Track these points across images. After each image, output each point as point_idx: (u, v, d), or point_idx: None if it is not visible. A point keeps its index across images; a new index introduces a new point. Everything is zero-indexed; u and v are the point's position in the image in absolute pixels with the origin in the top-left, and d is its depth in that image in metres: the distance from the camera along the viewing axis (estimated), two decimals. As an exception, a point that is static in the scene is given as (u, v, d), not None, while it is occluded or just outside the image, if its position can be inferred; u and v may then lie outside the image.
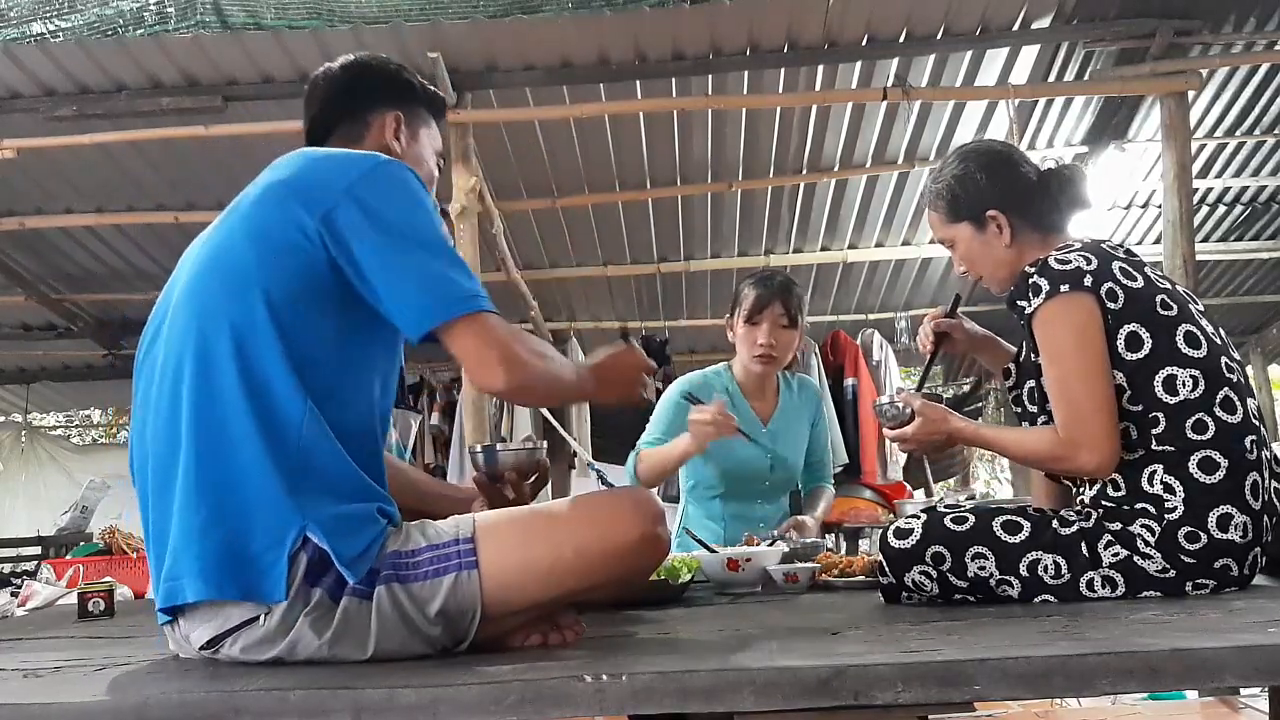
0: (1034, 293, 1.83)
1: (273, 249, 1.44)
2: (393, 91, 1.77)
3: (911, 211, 6.58)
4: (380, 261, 1.42)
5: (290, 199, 1.46)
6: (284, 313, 1.41)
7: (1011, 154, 2.07)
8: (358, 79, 1.76)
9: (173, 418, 1.43)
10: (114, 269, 7.03)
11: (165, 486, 1.43)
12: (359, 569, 1.38)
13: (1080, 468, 1.80)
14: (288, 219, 1.44)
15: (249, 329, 1.40)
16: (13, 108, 4.85)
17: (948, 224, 2.04)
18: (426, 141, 1.80)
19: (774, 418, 3.05)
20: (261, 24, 4.30)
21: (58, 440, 10.92)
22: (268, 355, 1.40)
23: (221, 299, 1.43)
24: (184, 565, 1.38)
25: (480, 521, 1.49)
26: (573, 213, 6.31)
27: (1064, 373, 1.79)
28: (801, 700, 1.16)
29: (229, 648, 1.40)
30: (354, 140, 1.71)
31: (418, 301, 1.43)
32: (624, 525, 1.49)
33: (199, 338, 1.43)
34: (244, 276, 1.43)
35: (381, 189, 1.46)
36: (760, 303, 2.92)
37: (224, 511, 1.37)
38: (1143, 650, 1.21)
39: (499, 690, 1.17)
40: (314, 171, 1.51)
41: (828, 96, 5.10)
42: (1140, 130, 5.75)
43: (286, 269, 1.42)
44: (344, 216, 1.42)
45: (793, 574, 2.14)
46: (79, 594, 2.42)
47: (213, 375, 1.40)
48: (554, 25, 4.41)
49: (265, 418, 1.38)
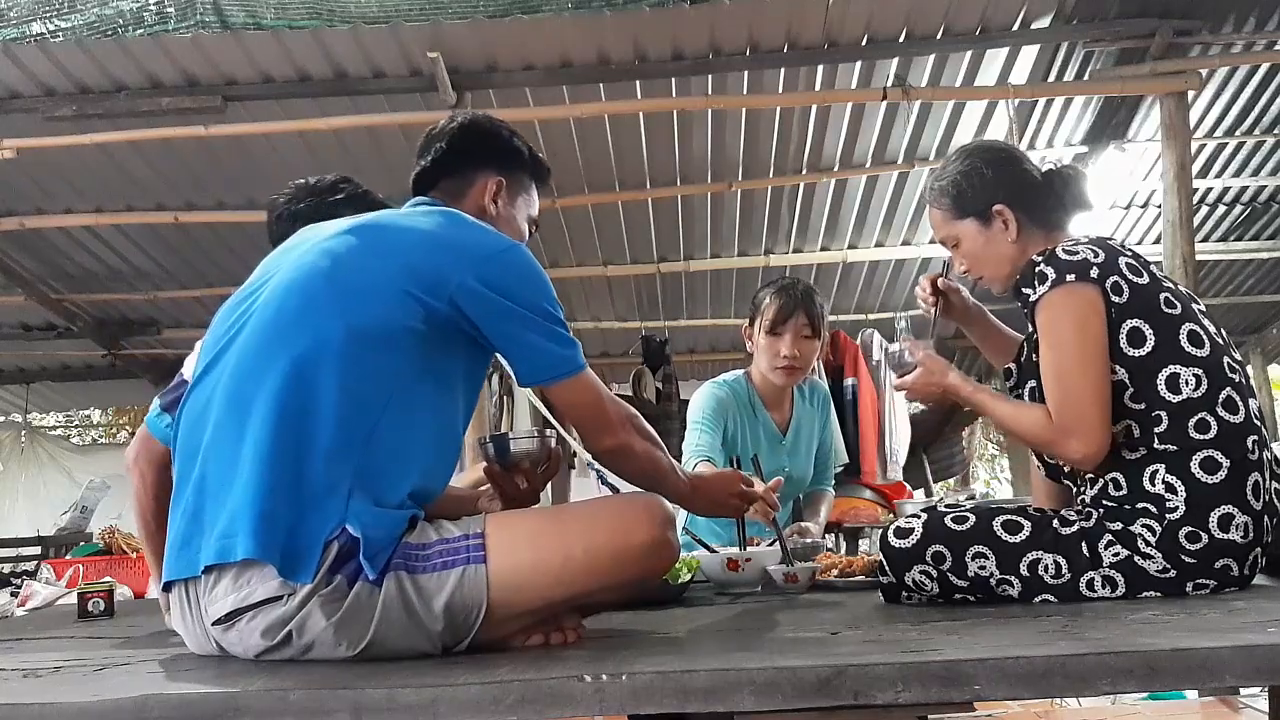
0: (1039, 280, 1.83)
1: (409, 286, 1.53)
2: (500, 156, 1.88)
3: (911, 211, 6.58)
4: (504, 327, 1.58)
5: (438, 253, 1.57)
6: (395, 338, 1.51)
7: (1015, 152, 2.10)
8: (470, 140, 1.87)
9: (253, 388, 1.48)
10: (114, 269, 7.04)
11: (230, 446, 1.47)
12: (378, 562, 1.42)
13: (1067, 455, 1.81)
14: (432, 268, 1.55)
15: (359, 341, 1.49)
16: (12, 108, 4.86)
17: (951, 221, 2.05)
18: (523, 207, 1.91)
19: (791, 427, 3.03)
20: (261, 24, 4.31)
21: (58, 440, 10.93)
22: (369, 367, 1.49)
23: (344, 304, 1.51)
24: (241, 524, 1.41)
25: (491, 519, 1.51)
26: (573, 213, 6.32)
27: (1061, 359, 1.79)
28: (801, 700, 1.16)
29: (244, 623, 1.42)
30: (455, 196, 1.82)
31: (537, 360, 1.61)
32: (635, 528, 1.51)
33: (312, 334, 1.50)
34: (372, 296, 1.52)
35: (510, 269, 1.60)
36: (784, 313, 2.86)
37: (287, 488, 1.42)
38: (1143, 650, 1.21)
39: (499, 690, 1.17)
40: (459, 239, 1.62)
41: (828, 96, 5.10)
42: (1140, 130, 5.75)
43: (413, 309, 1.52)
44: (474, 285, 1.55)
45: (793, 574, 2.14)
46: (79, 594, 2.42)
47: (318, 372, 1.47)
48: (554, 25, 4.42)
49: (352, 422, 1.46)
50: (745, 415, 2.99)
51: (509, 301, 1.57)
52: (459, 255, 1.57)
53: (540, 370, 1.62)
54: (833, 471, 3.26)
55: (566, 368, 1.62)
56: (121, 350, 8.19)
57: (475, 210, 1.80)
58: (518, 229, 1.89)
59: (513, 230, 1.86)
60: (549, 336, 1.60)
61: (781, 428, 3.02)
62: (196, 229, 6.35)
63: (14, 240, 6.41)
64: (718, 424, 2.89)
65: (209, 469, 1.49)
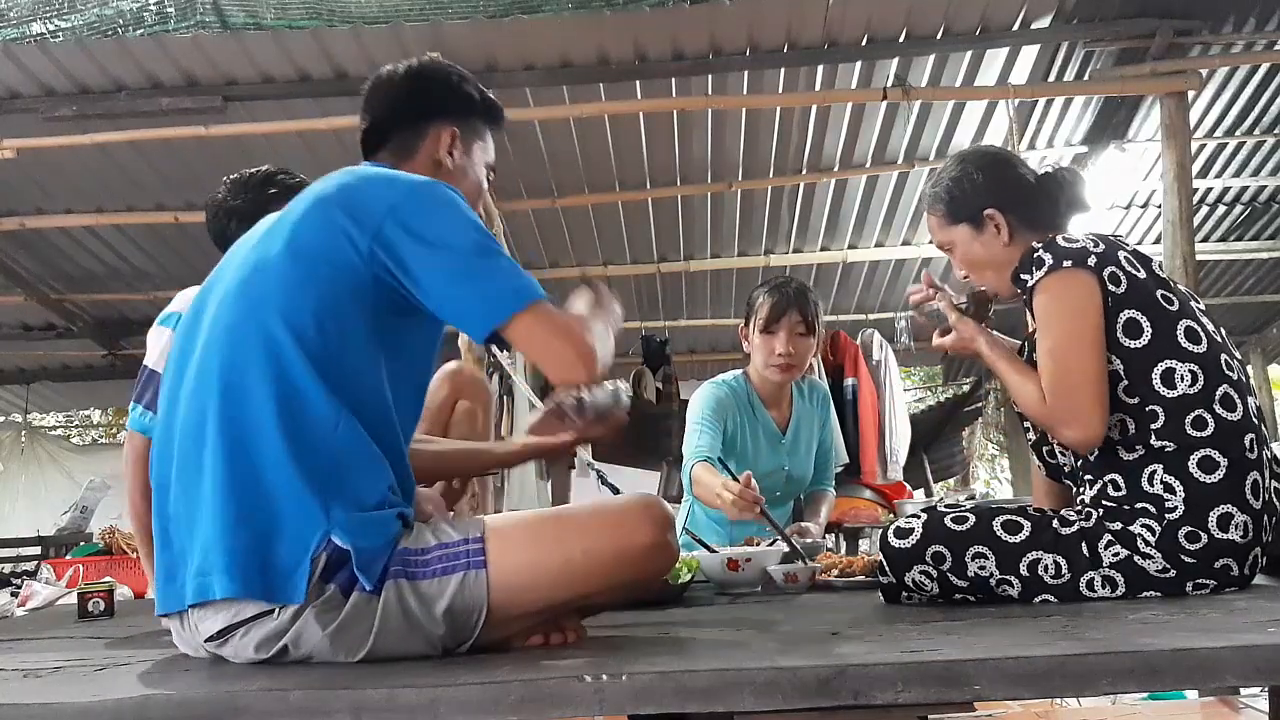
0: (1037, 266, 1.84)
1: (318, 263, 1.47)
2: (452, 104, 1.78)
3: (911, 211, 6.59)
4: (432, 276, 1.47)
5: (339, 215, 1.49)
6: (324, 325, 1.44)
7: (1009, 156, 2.10)
8: (420, 89, 1.77)
9: (201, 417, 1.45)
10: (114, 269, 7.04)
11: (191, 479, 1.44)
12: (374, 571, 1.40)
13: (1061, 437, 1.82)
14: (336, 234, 1.47)
15: (287, 340, 1.43)
16: (12, 108, 4.86)
17: (946, 227, 2.05)
18: (479, 155, 1.82)
19: (790, 426, 3.04)
20: (261, 24, 4.31)
21: (58, 440, 10.93)
22: (302, 365, 1.42)
23: (262, 309, 1.45)
24: (213, 561, 1.39)
25: (490, 522, 1.50)
26: (573, 213, 6.32)
27: (1056, 344, 1.80)
28: (801, 700, 1.16)
29: (238, 639, 1.41)
30: (407, 150, 1.74)
31: (475, 308, 1.49)
32: (634, 530, 1.50)
33: (236, 347, 1.45)
34: (286, 289, 1.46)
35: (425, 208, 1.50)
36: (777, 311, 2.88)
37: (252, 512, 1.39)
38: (1143, 650, 1.21)
39: (499, 690, 1.17)
40: (361, 190, 1.54)
41: (828, 96, 5.11)
42: (1140, 130, 5.75)
43: (330, 283, 1.46)
44: (392, 235, 1.47)
45: (793, 574, 2.14)
46: (79, 594, 2.42)
47: (247, 382, 1.42)
48: (554, 25, 4.42)
49: (296, 424, 1.41)
50: (744, 415, 2.99)
51: (432, 243, 1.47)
52: (367, 213, 1.48)
53: (491, 309, 1.48)
54: (833, 471, 3.26)
55: (515, 303, 1.49)
56: (121, 350, 8.19)
57: (429, 164, 1.72)
58: (474, 179, 1.80)
59: (470, 181, 1.78)
60: (484, 275, 1.49)
61: (781, 426, 3.02)
62: (196, 229, 6.29)
63: (14, 240, 6.41)
64: (717, 424, 2.89)
65: (179, 506, 1.47)
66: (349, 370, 1.46)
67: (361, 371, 1.48)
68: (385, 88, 1.78)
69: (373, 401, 1.48)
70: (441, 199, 1.53)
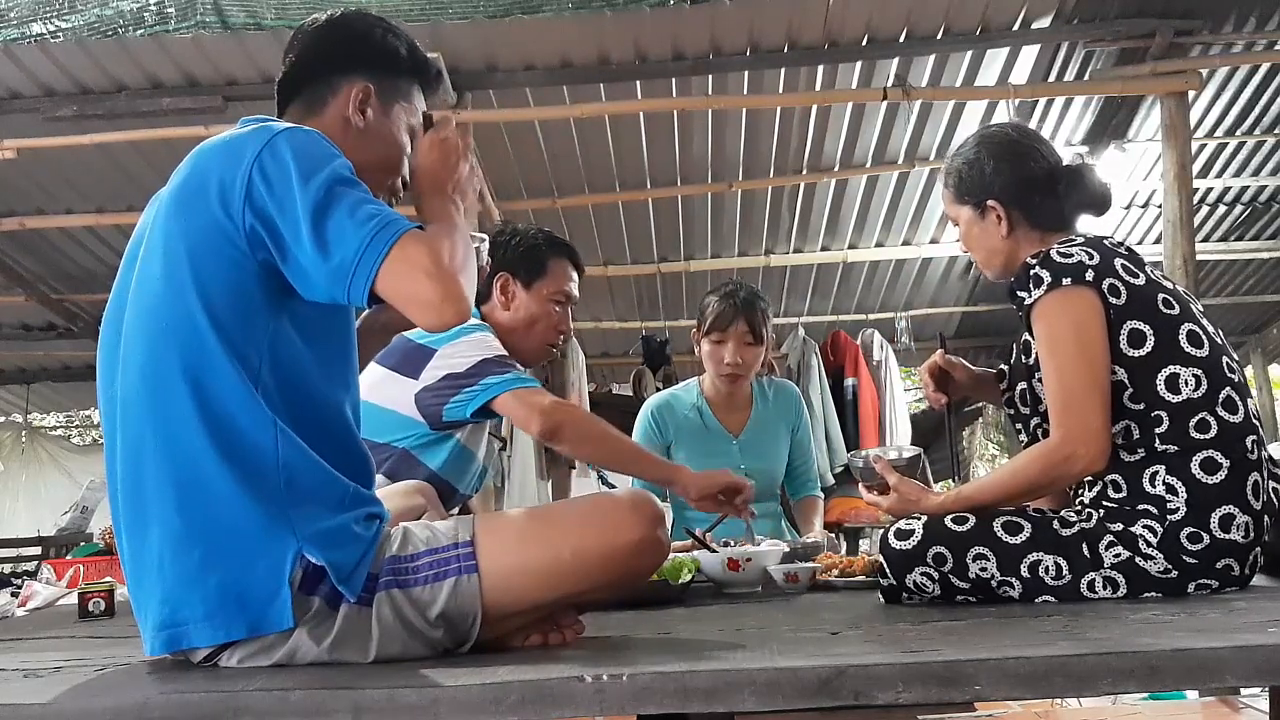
0: (1035, 284, 1.82)
1: (202, 257, 1.38)
2: (370, 58, 1.62)
3: (912, 211, 6.58)
4: (294, 234, 1.34)
5: (204, 198, 1.38)
6: (229, 329, 1.36)
7: (1027, 149, 2.00)
8: (336, 38, 1.63)
9: (137, 471, 1.39)
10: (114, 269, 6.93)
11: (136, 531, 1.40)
12: (356, 582, 1.37)
13: (1072, 472, 1.78)
14: (209, 221, 1.37)
15: (199, 357, 1.36)
16: (12, 108, 4.85)
17: (953, 203, 2.06)
18: (400, 116, 1.65)
19: (746, 429, 3.04)
20: (261, 24, 4.30)
21: (58, 440, 10.93)
22: (223, 380, 1.35)
23: (164, 331, 1.38)
24: (187, 612, 1.35)
25: (480, 524, 1.48)
26: (573, 213, 6.31)
27: (1060, 365, 1.79)
28: (801, 700, 1.16)
29: (227, 660, 1.39)
30: (315, 106, 1.61)
31: (335, 267, 1.33)
32: (623, 527, 1.48)
33: (156, 394, 1.37)
34: (180, 296, 1.37)
35: (280, 160, 1.37)
36: (724, 320, 2.88)
37: (217, 554, 1.34)
38: (1143, 650, 1.21)
39: (499, 690, 1.17)
40: (215, 164, 1.41)
41: (828, 96, 5.11)
42: (1140, 130, 5.75)
43: (220, 278, 1.37)
44: (257, 199, 1.35)
45: (793, 574, 2.14)
46: (79, 594, 2.42)
47: (173, 417, 1.36)
48: (554, 25, 4.41)
49: (235, 448, 1.35)
50: (687, 423, 3.01)
51: (288, 196, 1.33)
52: (225, 178, 1.36)
53: (352, 260, 1.31)
54: (817, 475, 3.25)
55: (382, 241, 1.32)
56: (121, 350, 8.18)
57: (338, 122, 1.58)
58: (393, 141, 1.63)
59: (387, 144, 1.62)
60: (345, 212, 1.33)
61: (733, 430, 3.02)
62: (196, 229, 6.34)
63: (14, 240, 6.40)
64: (651, 448, 2.88)
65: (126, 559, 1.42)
66: (270, 374, 1.38)
67: (282, 372, 1.40)
68: (303, 36, 1.65)
69: (306, 402, 1.42)
70: (298, 142, 1.39)
